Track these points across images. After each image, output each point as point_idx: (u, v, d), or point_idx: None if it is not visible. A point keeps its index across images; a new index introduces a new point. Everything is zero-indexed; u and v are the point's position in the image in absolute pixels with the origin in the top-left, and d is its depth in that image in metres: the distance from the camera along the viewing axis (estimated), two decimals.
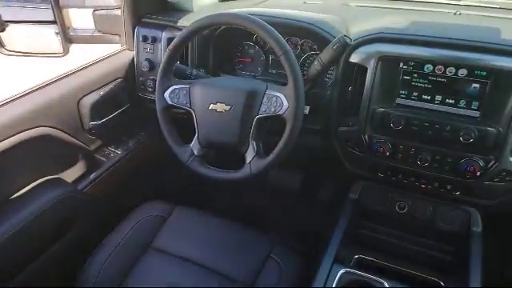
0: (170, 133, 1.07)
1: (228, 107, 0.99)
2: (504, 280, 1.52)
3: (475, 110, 0.97)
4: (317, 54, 1.14)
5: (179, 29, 1.28)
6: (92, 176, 1.26)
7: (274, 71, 1.30)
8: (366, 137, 1.08)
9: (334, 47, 1.01)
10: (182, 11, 1.40)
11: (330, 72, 1.16)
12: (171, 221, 1.20)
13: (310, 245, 1.62)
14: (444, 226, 1.11)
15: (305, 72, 1.11)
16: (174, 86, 1.05)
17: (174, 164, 1.10)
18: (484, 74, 0.93)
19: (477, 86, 0.95)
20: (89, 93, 1.24)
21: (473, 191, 1.04)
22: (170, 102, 1.06)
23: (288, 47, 0.93)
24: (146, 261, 1.10)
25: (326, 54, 1.03)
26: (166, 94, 1.06)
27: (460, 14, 1.28)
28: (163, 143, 1.09)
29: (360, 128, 1.08)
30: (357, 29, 1.12)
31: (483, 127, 0.94)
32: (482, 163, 0.97)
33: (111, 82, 1.32)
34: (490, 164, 0.97)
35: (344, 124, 1.12)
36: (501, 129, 0.94)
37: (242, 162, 1.01)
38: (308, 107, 1.14)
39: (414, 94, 1.02)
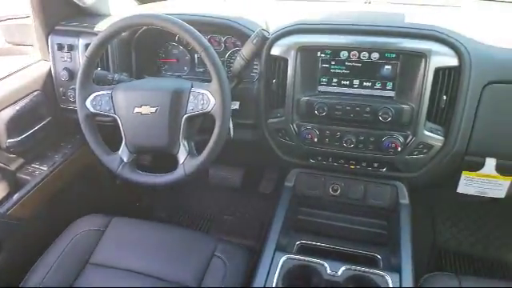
0: (96, 142, 1.03)
1: (154, 109, 0.97)
2: (436, 248, 1.65)
3: (390, 90, 1.04)
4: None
5: (96, 34, 1.23)
6: (15, 197, 1.17)
7: (200, 69, 1.30)
8: (295, 126, 1.11)
9: (254, 41, 1.03)
10: (98, 16, 1.34)
11: (255, 66, 1.18)
12: (109, 233, 1.15)
13: (254, 238, 1.65)
14: (375, 202, 1.17)
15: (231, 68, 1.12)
16: (96, 93, 1.01)
17: (107, 174, 1.06)
18: (393, 55, 1.00)
19: (389, 67, 1.01)
20: (3, 108, 1.16)
21: (396, 166, 1.12)
22: (92, 110, 1.01)
23: (207, 44, 0.93)
24: (86, 277, 1.04)
25: (246, 49, 1.04)
26: (88, 102, 1.01)
27: (370, 3, 1.37)
28: (93, 154, 1.04)
29: (287, 118, 1.11)
30: (276, 22, 1.15)
31: (398, 105, 1.01)
32: (401, 139, 1.04)
33: (28, 95, 1.24)
34: (409, 139, 1.04)
35: (273, 116, 1.14)
36: (414, 105, 1.01)
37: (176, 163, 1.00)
38: (238, 102, 1.16)
39: (334, 80, 1.06)
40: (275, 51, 1.08)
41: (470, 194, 1.13)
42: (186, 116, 0.97)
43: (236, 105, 1.15)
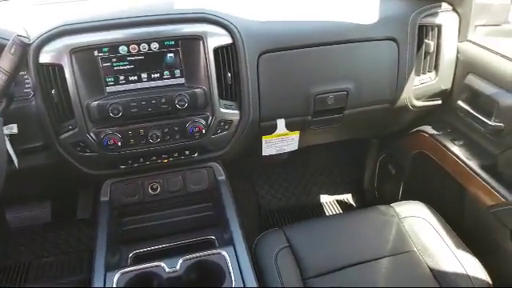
0: None
1: None
2: (262, 211, 1.81)
3: (180, 77, 1.05)
4: None
5: None
6: None
7: None
8: (92, 135, 1.02)
9: (12, 51, 0.87)
10: None
11: (27, 80, 1.02)
12: None
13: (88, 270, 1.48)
14: (196, 187, 1.19)
15: None
16: None
17: None
18: (173, 43, 1.01)
19: (171, 55, 1.02)
20: None
21: (206, 148, 1.15)
22: None
23: None
24: None
25: (4, 61, 0.88)
26: None
27: None
28: None
29: (82, 128, 1.01)
30: (38, 27, 1.01)
31: (191, 90, 1.04)
32: (203, 121, 1.08)
33: None
34: (209, 120, 1.09)
35: (64, 130, 1.02)
36: (205, 87, 1.05)
37: None
38: (14, 125, 0.98)
39: (121, 78, 1.01)
40: (44, 58, 0.95)
41: (273, 154, 1.27)
42: None
43: (13, 128, 0.97)
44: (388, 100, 1.24)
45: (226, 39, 1.05)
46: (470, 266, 1.05)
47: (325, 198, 1.91)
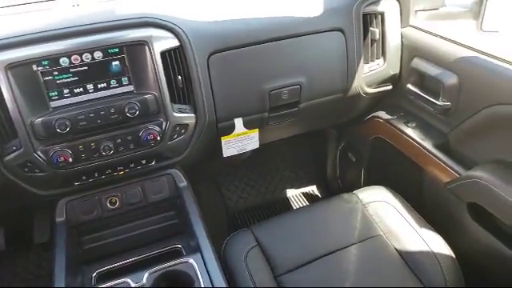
0: None
1: None
2: (230, 212, 1.79)
3: (128, 84, 1.01)
4: None
5: None
6: None
7: None
8: (40, 153, 0.96)
9: None
10: None
11: None
12: None
13: None
14: (157, 197, 1.15)
15: None
16: None
17: None
18: (117, 50, 0.97)
19: (117, 63, 0.98)
20: None
21: (164, 155, 1.12)
22: None
23: None
24: None
25: None
26: None
27: (79, 5, 1.29)
28: None
29: (27, 148, 0.95)
30: None
31: (141, 97, 1.00)
32: (157, 128, 1.04)
33: None
34: (164, 125, 1.05)
35: (8, 151, 0.95)
36: (155, 93, 1.02)
37: None
38: None
39: (65, 91, 0.96)
40: None
41: (234, 154, 1.25)
42: None
43: None
44: (340, 90, 1.26)
45: (173, 42, 1.02)
46: (434, 243, 1.09)
47: (290, 193, 1.92)
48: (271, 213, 1.80)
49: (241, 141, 1.23)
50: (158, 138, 1.04)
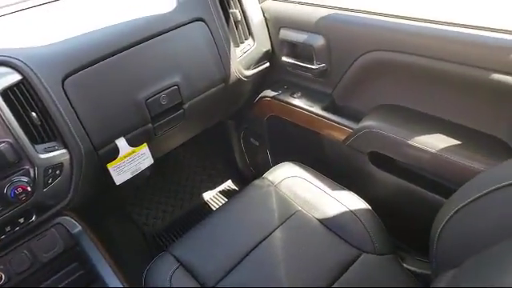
0: None
1: None
2: (150, 238, 1.66)
3: None
4: None
5: None
6: None
7: None
8: None
9: None
10: None
11: None
12: None
13: None
14: (51, 254, 1.00)
15: None
16: None
17: None
18: None
19: None
20: None
21: (44, 205, 0.97)
22: None
23: None
24: None
25: None
26: None
27: None
28: None
29: None
30: None
31: None
32: (24, 178, 0.89)
33: None
34: (32, 173, 0.90)
35: None
36: (9, 140, 0.85)
37: None
38: None
39: None
40: None
41: (128, 178, 1.14)
42: None
43: None
44: (220, 79, 1.21)
45: (13, 77, 0.87)
46: (349, 201, 1.10)
47: (208, 196, 1.85)
48: (194, 222, 1.71)
49: (131, 162, 1.12)
50: (29, 189, 0.89)
